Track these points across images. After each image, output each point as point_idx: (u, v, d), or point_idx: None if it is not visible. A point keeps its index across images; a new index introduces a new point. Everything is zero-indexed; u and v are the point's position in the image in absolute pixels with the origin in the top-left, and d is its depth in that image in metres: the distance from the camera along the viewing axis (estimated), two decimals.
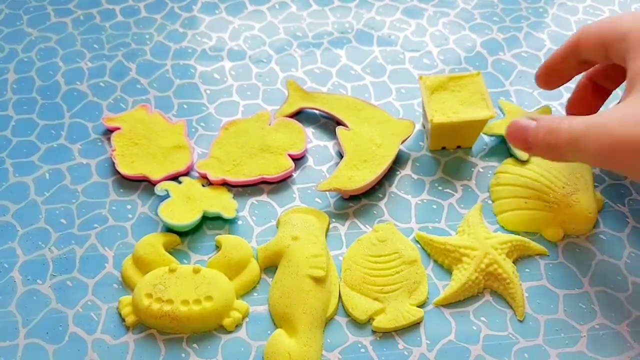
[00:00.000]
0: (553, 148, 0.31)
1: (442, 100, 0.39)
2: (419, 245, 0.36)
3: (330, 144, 0.41)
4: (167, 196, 0.37)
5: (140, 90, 0.44)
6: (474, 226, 0.36)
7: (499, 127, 0.40)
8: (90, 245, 0.37)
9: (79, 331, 0.33)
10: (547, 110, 0.42)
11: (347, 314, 0.34)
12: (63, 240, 0.37)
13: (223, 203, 0.37)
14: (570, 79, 0.37)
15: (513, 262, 0.35)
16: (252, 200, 0.39)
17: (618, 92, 0.39)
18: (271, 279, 0.35)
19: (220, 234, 0.37)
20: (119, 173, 0.39)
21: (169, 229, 0.37)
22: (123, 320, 0.34)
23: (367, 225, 0.37)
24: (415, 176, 0.40)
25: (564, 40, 0.36)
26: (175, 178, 0.39)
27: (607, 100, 0.38)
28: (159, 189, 0.38)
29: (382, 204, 0.38)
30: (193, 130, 0.42)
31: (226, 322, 0.33)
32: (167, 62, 0.46)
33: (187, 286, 0.33)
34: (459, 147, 0.41)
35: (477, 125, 0.38)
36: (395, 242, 0.35)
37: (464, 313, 0.34)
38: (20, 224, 0.38)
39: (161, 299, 0.33)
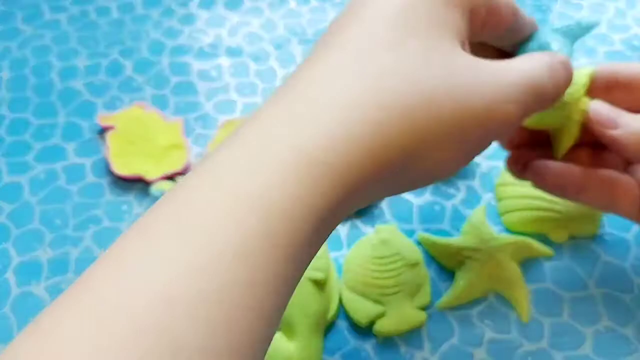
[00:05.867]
0: None
1: None
2: (422, 247, 0.36)
3: None
4: None
5: (136, 88, 0.44)
6: (477, 227, 0.35)
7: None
8: (85, 246, 0.36)
9: None
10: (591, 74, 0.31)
11: (348, 317, 0.33)
12: (57, 242, 0.36)
13: None
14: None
15: (517, 264, 0.35)
16: None
17: None
18: None
19: None
20: (114, 173, 0.39)
21: None
22: None
23: (368, 227, 0.37)
24: None
25: None
26: (171, 178, 0.38)
27: None
28: (155, 189, 0.37)
29: (383, 205, 0.38)
30: (190, 129, 0.41)
31: None
32: (163, 60, 0.45)
33: None
34: None
35: None
36: (397, 244, 0.35)
37: (467, 316, 0.33)
38: (14, 224, 0.37)
39: None
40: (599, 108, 0.29)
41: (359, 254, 0.35)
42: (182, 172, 0.39)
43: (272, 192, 0.19)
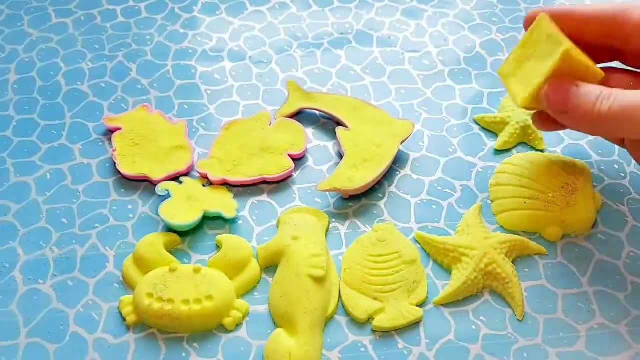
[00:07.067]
0: (600, 117, 0.30)
1: (525, 72, 0.34)
2: (419, 245, 0.36)
3: (330, 144, 0.42)
4: (168, 196, 0.37)
5: (141, 91, 0.45)
6: (473, 226, 0.36)
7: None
8: (91, 245, 0.37)
9: (80, 331, 0.33)
10: None
11: (347, 314, 0.34)
12: (64, 240, 0.37)
13: (223, 203, 0.38)
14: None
15: (512, 262, 0.35)
16: (253, 200, 0.39)
17: None
18: (271, 279, 0.35)
19: (220, 234, 0.37)
20: (119, 173, 0.39)
21: (169, 229, 0.37)
22: (124, 319, 0.34)
23: (367, 225, 0.37)
24: (414, 176, 0.40)
25: None
26: (176, 178, 0.39)
27: None
28: (159, 189, 0.38)
29: (381, 204, 0.38)
30: (193, 130, 0.42)
31: (227, 321, 0.33)
32: (167, 63, 0.46)
33: (187, 286, 0.33)
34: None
35: (562, 68, 0.32)
36: (395, 242, 0.36)
37: (464, 312, 0.34)
38: (22, 224, 0.38)
39: (162, 299, 0.33)
40: (551, 93, 0.32)
41: (358, 252, 0.35)
42: (186, 173, 0.39)
43: None
